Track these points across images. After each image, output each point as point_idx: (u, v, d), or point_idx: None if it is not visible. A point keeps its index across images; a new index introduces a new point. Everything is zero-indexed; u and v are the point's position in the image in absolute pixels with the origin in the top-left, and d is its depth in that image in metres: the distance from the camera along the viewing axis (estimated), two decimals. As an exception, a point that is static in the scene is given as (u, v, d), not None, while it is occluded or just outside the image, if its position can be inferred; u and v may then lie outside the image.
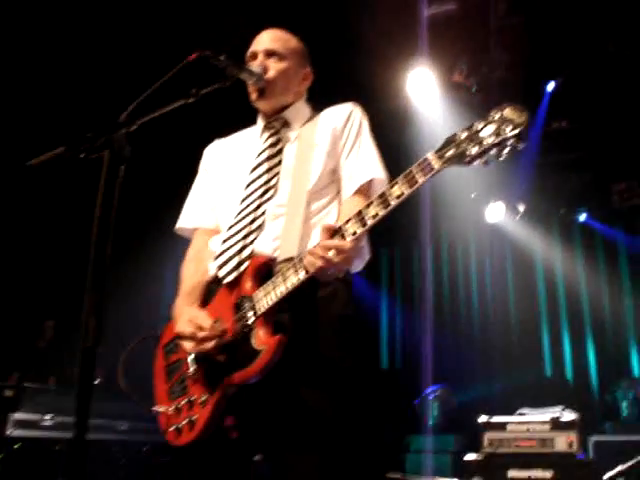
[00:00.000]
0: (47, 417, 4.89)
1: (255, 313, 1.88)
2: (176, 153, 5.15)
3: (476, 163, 1.59)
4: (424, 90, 6.33)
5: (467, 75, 6.53)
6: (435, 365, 7.92)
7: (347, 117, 2.20)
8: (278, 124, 2.24)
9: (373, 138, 2.22)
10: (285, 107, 2.26)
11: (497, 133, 1.55)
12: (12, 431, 4.70)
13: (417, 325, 8.31)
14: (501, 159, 1.58)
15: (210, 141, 2.43)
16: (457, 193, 7.35)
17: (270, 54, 2.21)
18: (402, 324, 8.55)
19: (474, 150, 1.58)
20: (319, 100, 2.37)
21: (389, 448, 6.12)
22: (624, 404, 6.43)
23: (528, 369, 7.57)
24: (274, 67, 2.19)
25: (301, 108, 2.31)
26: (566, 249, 8.04)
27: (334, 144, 2.15)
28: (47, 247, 6.39)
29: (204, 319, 1.95)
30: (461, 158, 1.60)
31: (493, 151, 1.57)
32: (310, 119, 2.26)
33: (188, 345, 1.96)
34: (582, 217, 7.98)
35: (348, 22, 5.52)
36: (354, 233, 1.74)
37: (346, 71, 5.49)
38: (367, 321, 8.16)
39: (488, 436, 4.48)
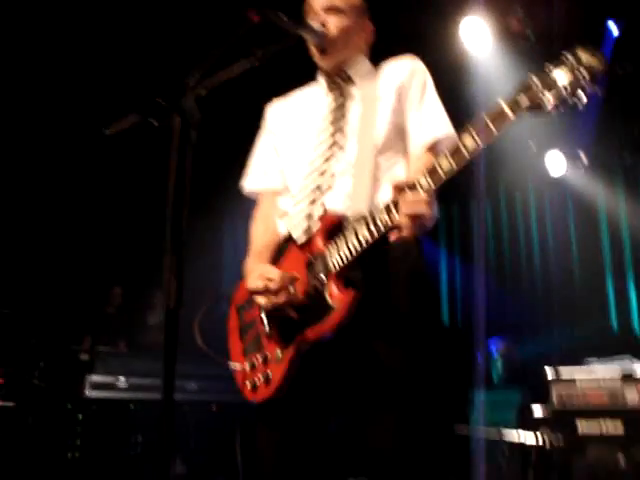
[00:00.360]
0: (121, 379, 5.09)
1: (328, 269, 1.89)
2: (232, 113, 5.16)
3: (552, 111, 1.53)
4: (479, 39, 6.12)
5: (524, 23, 6.28)
6: (497, 320, 7.86)
7: (411, 72, 2.17)
8: (342, 82, 2.22)
9: (437, 93, 2.18)
10: (346, 63, 2.24)
11: (574, 79, 1.50)
12: (89, 392, 4.92)
13: (477, 281, 8.24)
14: (578, 106, 1.51)
15: (269, 98, 2.42)
16: (514, 142, 7.14)
17: (329, 9, 2.18)
18: (462, 280, 8.49)
19: (550, 98, 1.52)
20: (373, 52, 2.34)
21: (455, 403, 6.15)
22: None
23: (593, 321, 7.44)
24: (334, 23, 2.17)
25: (362, 63, 2.29)
26: (631, 200, 7.76)
27: (399, 100, 2.13)
28: (117, 214, 6.55)
29: (274, 272, 1.98)
30: (537, 107, 1.55)
31: (570, 99, 1.51)
32: (372, 74, 2.24)
33: (262, 300, 1.99)
34: (647, 167, 7.67)
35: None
36: (427, 188, 1.71)
37: (398, 21, 5.36)
38: (434, 280, 8.11)
39: (556, 390, 4.43)
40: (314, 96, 2.32)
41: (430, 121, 2.11)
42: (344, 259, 1.86)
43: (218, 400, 5.41)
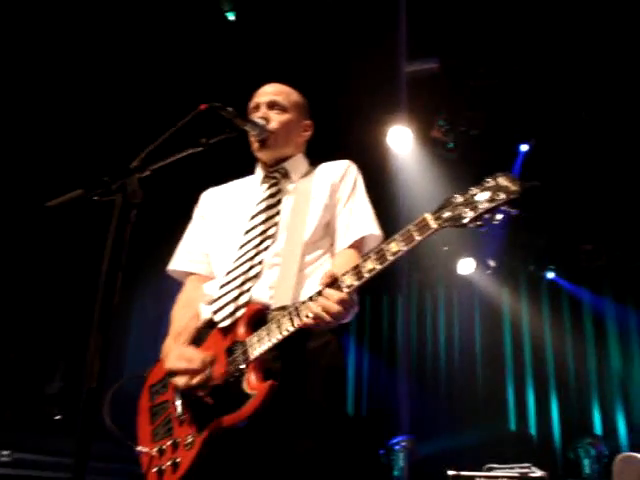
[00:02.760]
0: (4, 453, 4.74)
1: (247, 358, 1.91)
2: (168, 198, 5.23)
3: (471, 226, 1.67)
4: (403, 145, 6.52)
5: (445, 132, 6.72)
6: (401, 415, 7.93)
7: (344, 172, 2.28)
8: (278, 175, 2.30)
9: (367, 195, 2.30)
10: (285, 158, 2.33)
11: (492, 199, 1.64)
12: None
13: (384, 374, 8.34)
14: (495, 223, 1.66)
15: (206, 187, 2.48)
16: (429, 245, 7.50)
17: (272, 106, 2.28)
18: (369, 372, 8.56)
19: (470, 214, 1.66)
20: (309, 153, 2.45)
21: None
22: (586, 462, 6.48)
23: (493, 423, 7.63)
24: (276, 119, 2.27)
25: (300, 161, 2.38)
26: (533, 305, 8.22)
27: (331, 197, 2.22)
28: (57, 286, 6.31)
29: (194, 353, 1.97)
30: (457, 220, 1.67)
31: (487, 215, 1.65)
32: (308, 172, 2.34)
33: (178, 380, 1.97)
34: (550, 275, 8.18)
35: (332, 78, 5.71)
36: (350, 286, 1.79)
37: (328, 125, 5.63)
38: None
39: (456, 491, 4.48)
40: (249, 185, 2.38)
41: (358, 220, 2.20)
42: (264, 348, 1.88)
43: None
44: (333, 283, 1.81)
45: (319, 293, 1.81)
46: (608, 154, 6.61)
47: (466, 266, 7.95)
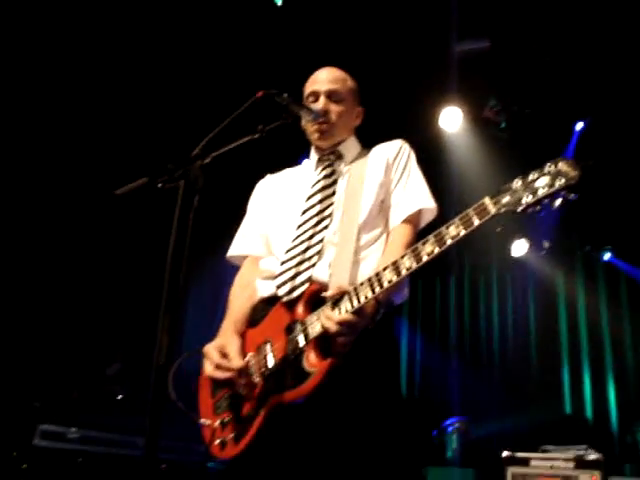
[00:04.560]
0: (72, 430, 4.96)
1: (307, 337, 1.96)
2: (229, 186, 5.36)
3: (530, 211, 1.67)
4: (456, 126, 6.46)
5: (497, 112, 6.63)
6: (454, 397, 7.92)
7: (398, 151, 2.32)
8: (333, 157, 2.36)
9: (421, 171, 2.32)
10: (339, 143, 2.38)
11: (551, 184, 1.65)
12: (38, 441, 4.78)
13: (437, 356, 8.33)
14: (553, 209, 1.65)
15: (263, 175, 2.54)
16: (482, 227, 7.40)
17: (331, 95, 2.33)
18: (422, 354, 8.57)
19: (529, 199, 1.66)
20: (363, 135, 2.49)
21: (407, 478, 6.10)
22: (645, 445, 6.38)
23: (547, 406, 7.54)
24: (335, 109, 2.33)
25: (353, 143, 2.44)
26: (589, 287, 8.05)
27: (386, 175, 2.26)
28: (120, 273, 6.54)
29: (232, 349, 2.08)
30: (516, 205, 1.68)
31: (546, 201, 1.66)
32: (361, 154, 2.38)
33: (207, 367, 2.08)
34: (606, 256, 7.99)
35: (384, 61, 5.70)
36: (409, 268, 1.83)
37: (382, 108, 5.64)
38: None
39: (511, 471, 4.48)
40: (304, 170, 2.46)
41: (412, 194, 2.24)
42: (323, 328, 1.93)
43: (168, 459, 5.28)
44: (391, 265, 1.85)
45: (377, 274, 1.86)
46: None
47: (519, 247, 7.84)
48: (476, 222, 1.73)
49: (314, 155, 2.43)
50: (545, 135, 6.79)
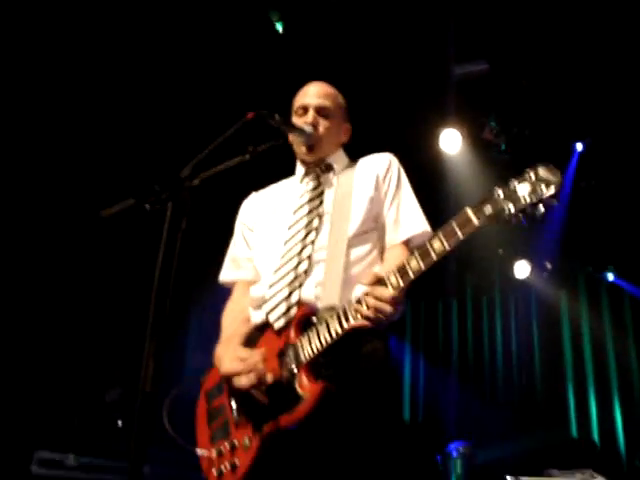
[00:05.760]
0: (70, 457, 4.89)
1: (299, 360, 1.93)
2: (225, 207, 5.35)
3: (513, 220, 1.64)
4: (455, 148, 6.47)
5: (497, 133, 6.63)
6: (458, 421, 7.82)
7: (388, 165, 2.30)
8: (319, 170, 2.34)
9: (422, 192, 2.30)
10: (327, 155, 2.37)
11: (533, 191, 1.61)
12: (35, 469, 4.71)
13: (440, 380, 8.25)
14: (537, 217, 1.63)
15: (247, 194, 2.52)
16: (484, 249, 7.41)
17: (320, 110, 2.31)
18: (425, 378, 8.49)
19: (512, 208, 1.63)
20: (357, 155, 2.47)
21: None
22: (653, 469, 6.30)
23: (553, 429, 7.45)
24: (324, 124, 2.31)
25: (341, 155, 2.42)
26: (593, 308, 7.99)
27: (377, 190, 2.23)
28: (113, 294, 6.50)
29: (247, 352, 2.02)
30: (499, 215, 1.65)
31: (529, 209, 1.62)
32: (349, 166, 2.37)
33: (237, 381, 1.99)
34: (610, 276, 7.94)
35: (383, 84, 5.72)
36: (396, 286, 1.79)
37: (381, 129, 5.65)
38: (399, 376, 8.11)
39: (516, 497, 4.39)
40: (291, 183, 2.43)
41: (407, 218, 2.21)
42: (315, 351, 1.90)
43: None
44: (379, 282, 1.81)
45: (367, 293, 1.82)
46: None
47: (522, 269, 7.80)
48: (460, 236, 1.69)
49: (300, 168, 2.40)
50: (545, 156, 6.77)
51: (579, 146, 6.79)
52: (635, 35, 5.43)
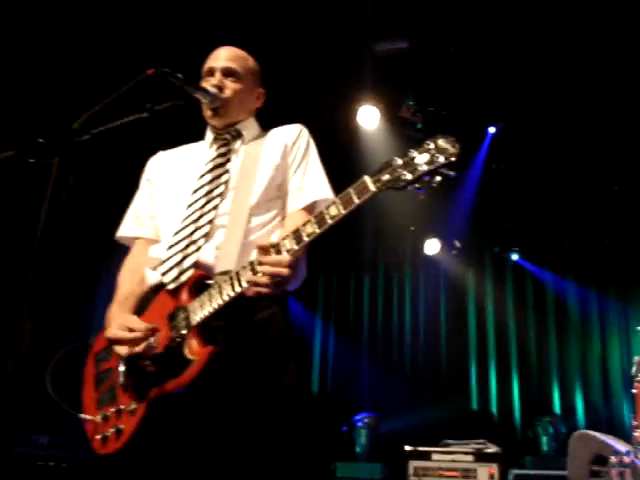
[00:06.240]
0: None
1: (189, 323, 1.90)
2: (120, 164, 5.13)
3: (410, 188, 1.67)
4: (372, 124, 6.52)
5: (414, 112, 6.72)
6: (365, 393, 8.00)
7: (297, 135, 2.28)
8: (229, 136, 2.29)
9: (320, 159, 2.29)
10: (237, 123, 2.31)
11: (431, 161, 1.64)
12: None
13: (350, 353, 8.39)
14: (434, 185, 1.66)
15: (154, 153, 2.44)
16: (396, 226, 7.55)
17: (227, 73, 2.25)
18: (335, 351, 8.61)
19: (408, 176, 1.66)
20: (272, 127, 2.43)
21: (315, 474, 6.13)
22: (544, 439, 6.68)
23: (455, 402, 7.74)
24: (231, 87, 2.24)
25: (252, 124, 2.37)
26: (498, 286, 8.32)
27: (283, 158, 2.21)
28: None
29: (135, 322, 1.97)
30: (396, 182, 1.67)
31: (426, 178, 1.66)
32: (260, 135, 2.33)
33: (121, 349, 1.96)
34: (514, 256, 8.28)
35: (301, 57, 5.67)
36: (290, 250, 1.79)
37: (298, 103, 5.60)
38: (299, 344, 8.17)
39: (413, 465, 4.55)
40: (199, 148, 2.36)
41: (311, 184, 2.20)
42: (206, 313, 1.87)
43: (72, 456, 5.07)
44: (273, 247, 1.80)
45: (259, 258, 1.81)
46: (573, 139, 6.68)
47: (432, 246, 8.01)
48: (356, 201, 1.71)
49: (210, 134, 2.35)
50: (459, 137, 6.92)
51: (492, 129, 6.98)
52: (549, 25, 5.60)
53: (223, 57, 2.29)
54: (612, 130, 6.57)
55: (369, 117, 6.50)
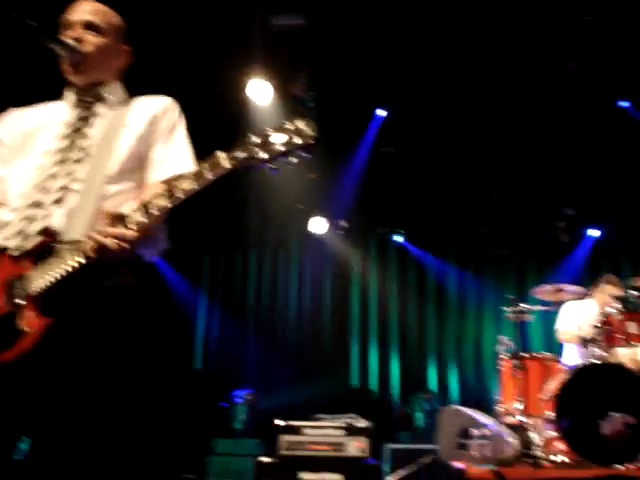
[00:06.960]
0: None
1: (26, 293, 1.80)
2: None
3: (264, 167, 1.67)
4: (263, 99, 6.47)
5: (306, 90, 6.72)
6: (249, 370, 8.02)
7: (165, 108, 2.18)
8: (91, 99, 2.16)
9: (189, 135, 2.22)
10: (99, 83, 2.18)
11: (287, 142, 1.64)
12: None
13: (235, 329, 8.36)
14: (289, 166, 1.67)
15: (3, 110, 2.26)
16: (284, 204, 7.55)
17: (88, 26, 2.12)
18: (220, 327, 8.54)
19: (264, 155, 1.65)
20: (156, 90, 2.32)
21: (193, 450, 6.07)
22: (419, 415, 6.99)
23: (335, 378, 7.91)
24: (92, 41, 2.10)
25: (117, 88, 2.24)
26: (381, 267, 8.54)
27: (148, 129, 2.11)
28: None
29: None
30: (251, 161, 1.67)
31: (282, 158, 1.66)
32: (125, 102, 2.21)
33: None
34: (398, 239, 8.53)
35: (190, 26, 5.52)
36: (138, 222, 1.74)
37: (186, 72, 5.46)
38: (182, 319, 8.05)
39: (284, 439, 4.60)
40: (58, 108, 2.19)
41: (174, 157, 2.11)
42: (47, 283, 1.78)
43: None
44: (118, 219, 1.74)
45: (98, 228, 1.75)
46: (460, 130, 6.94)
47: (319, 225, 8.08)
48: (209, 177, 1.70)
49: (70, 94, 2.21)
50: (349, 118, 7.03)
51: (382, 113, 7.10)
52: (442, 11, 5.73)
53: (84, 10, 2.14)
54: (494, 122, 6.88)
55: (261, 91, 6.42)
